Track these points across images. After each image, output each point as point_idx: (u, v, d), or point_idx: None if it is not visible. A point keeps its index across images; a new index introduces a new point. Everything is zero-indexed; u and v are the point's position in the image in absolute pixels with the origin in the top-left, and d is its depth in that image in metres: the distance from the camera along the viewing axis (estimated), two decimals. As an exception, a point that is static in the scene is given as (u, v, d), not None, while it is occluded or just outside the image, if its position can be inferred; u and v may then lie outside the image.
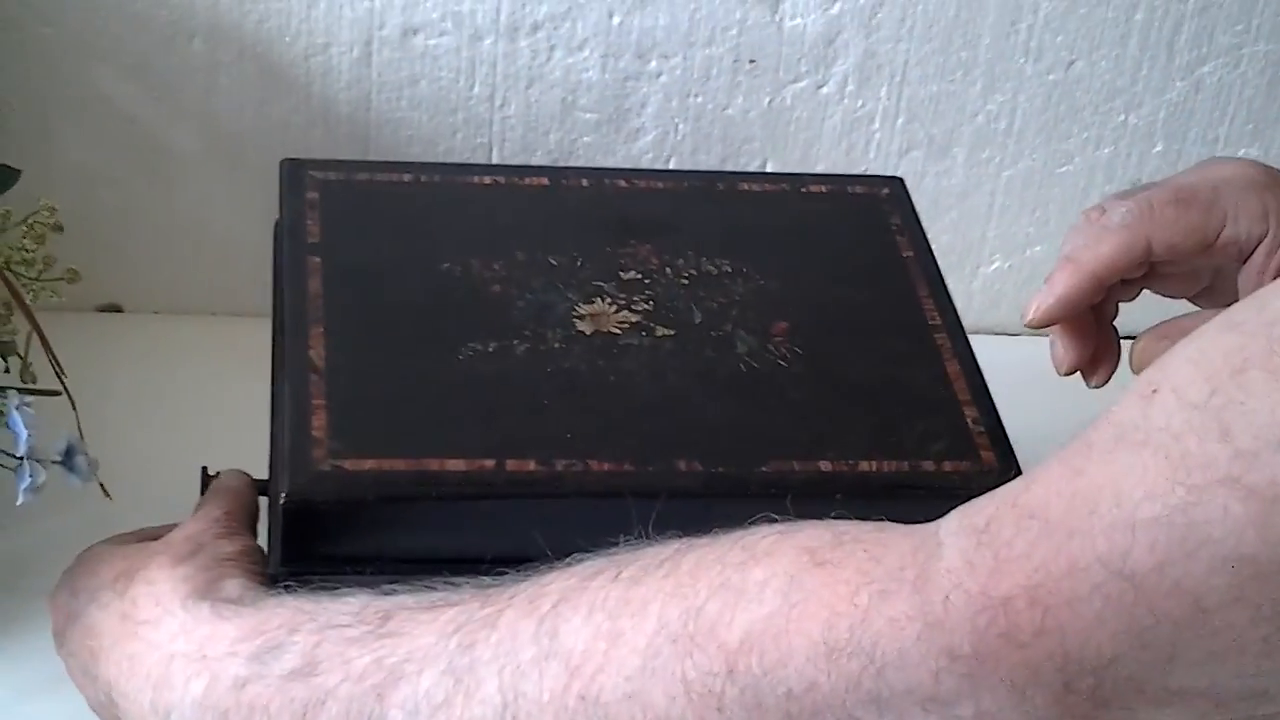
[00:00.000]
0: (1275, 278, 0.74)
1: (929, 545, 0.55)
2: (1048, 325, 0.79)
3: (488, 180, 0.88)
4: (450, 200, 0.86)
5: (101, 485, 0.90)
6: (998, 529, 0.53)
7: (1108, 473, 0.51)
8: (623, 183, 0.89)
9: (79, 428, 0.88)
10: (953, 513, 0.56)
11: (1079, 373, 0.80)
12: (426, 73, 1.01)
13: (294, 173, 0.86)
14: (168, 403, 1.01)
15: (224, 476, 0.81)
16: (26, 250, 0.79)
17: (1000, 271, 1.14)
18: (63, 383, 0.88)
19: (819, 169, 1.08)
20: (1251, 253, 0.77)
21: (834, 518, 0.60)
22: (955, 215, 1.11)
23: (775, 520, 0.60)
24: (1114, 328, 0.82)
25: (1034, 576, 0.51)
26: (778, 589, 0.56)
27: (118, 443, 0.96)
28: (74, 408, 0.89)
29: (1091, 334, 0.80)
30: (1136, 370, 0.78)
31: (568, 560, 0.63)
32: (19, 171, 0.83)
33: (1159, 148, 1.10)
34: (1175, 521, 0.49)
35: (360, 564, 0.73)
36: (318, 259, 0.82)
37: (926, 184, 1.10)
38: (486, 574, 0.65)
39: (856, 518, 0.75)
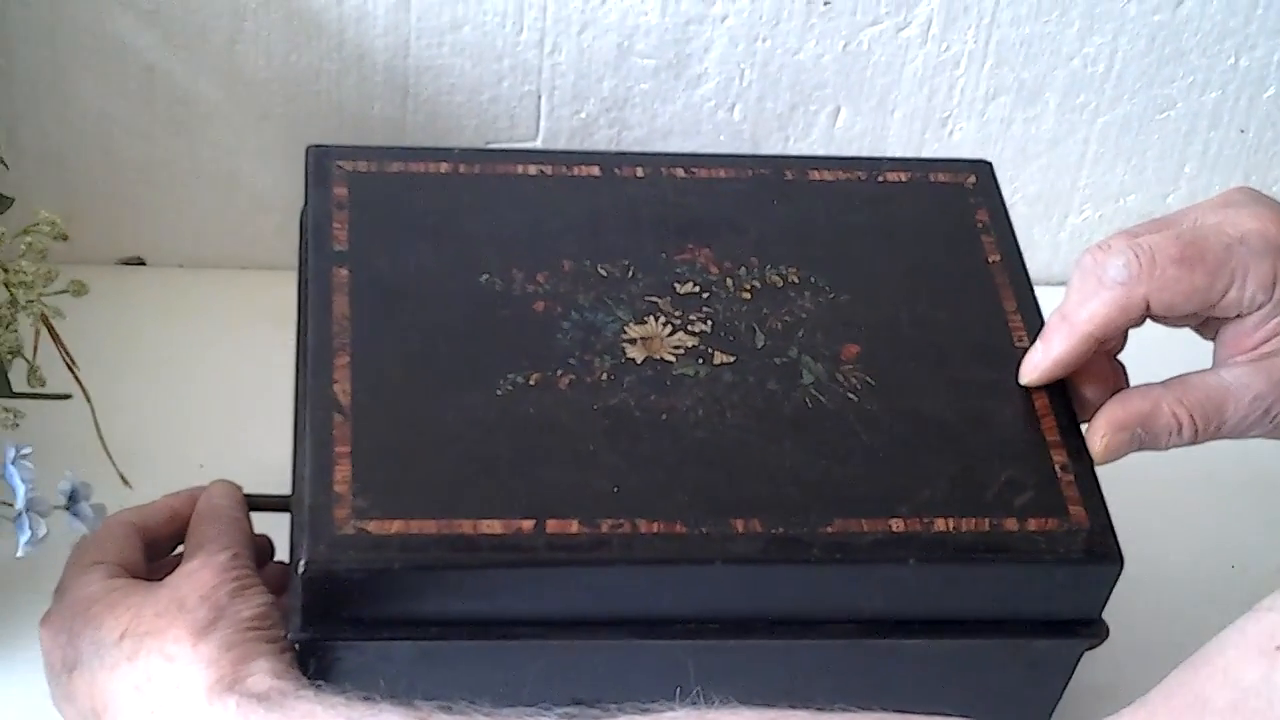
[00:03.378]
0: (1260, 344, 0.71)
1: None
2: (1045, 383, 0.74)
3: (533, 170, 0.80)
4: (492, 195, 0.79)
5: (121, 475, 0.85)
6: None
7: None
8: (681, 172, 0.81)
9: (96, 424, 0.83)
10: None
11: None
12: (470, 16, 0.92)
13: (320, 163, 0.78)
14: (192, 360, 0.96)
15: (214, 497, 0.75)
16: (24, 274, 0.71)
17: (1090, 221, 1.05)
18: (76, 377, 0.83)
19: (896, 116, 0.99)
20: (1246, 315, 0.71)
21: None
22: (1044, 162, 1.02)
23: (851, 714, 0.54)
24: (1119, 362, 0.76)
25: None
26: None
27: (140, 404, 0.91)
28: (89, 402, 0.83)
29: (1103, 375, 0.75)
30: (1100, 460, 0.72)
31: (620, 717, 0.57)
32: (11, 199, 0.76)
33: (1270, 91, 1.01)
34: None
35: (387, 628, 0.68)
36: (345, 271, 0.74)
37: (1014, 130, 1.01)
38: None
39: (928, 588, 0.70)
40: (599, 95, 0.96)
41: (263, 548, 0.76)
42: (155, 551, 0.75)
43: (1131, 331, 0.75)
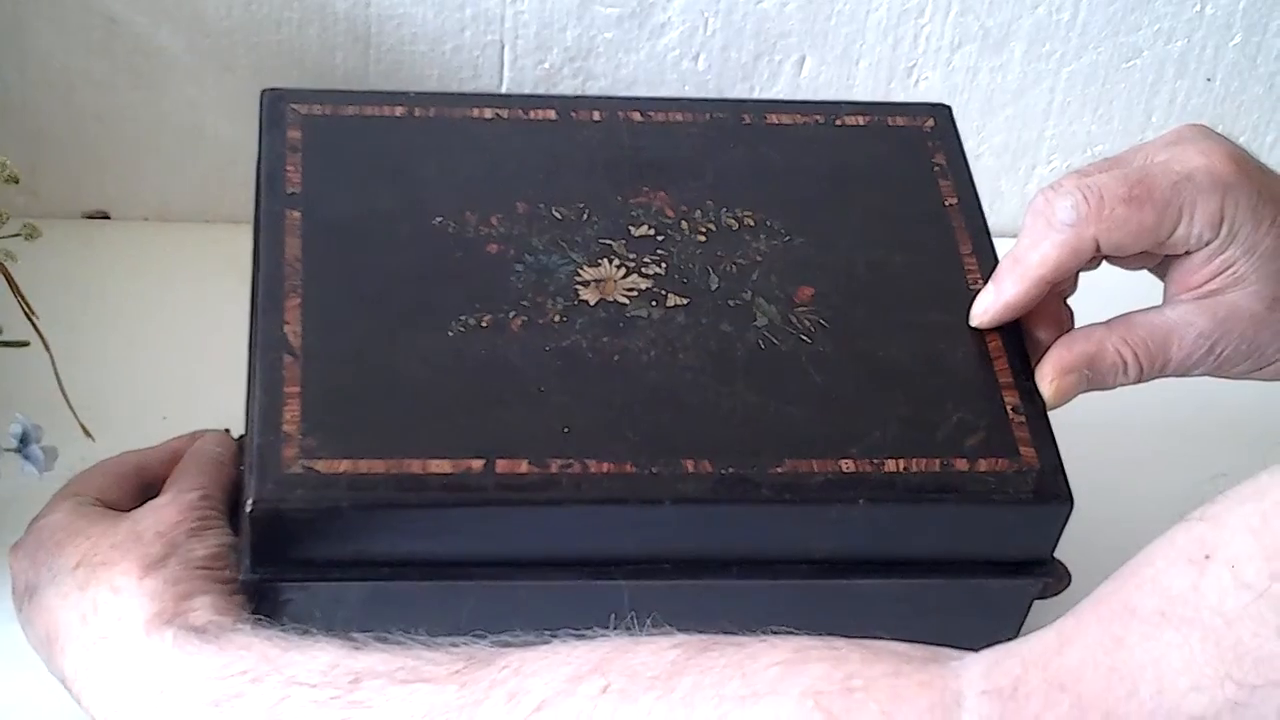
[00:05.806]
0: (1206, 282, 0.71)
1: (948, 705, 0.49)
2: (996, 326, 0.74)
3: (489, 114, 0.80)
4: (447, 138, 0.78)
5: (83, 426, 0.85)
6: (1025, 697, 0.47)
7: (1150, 651, 0.45)
8: (638, 116, 0.81)
9: (56, 374, 0.83)
10: (978, 660, 0.50)
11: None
12: (431, -36, 0.92)
13: (274, 106, 0.78)
14: (157, 313, 0.95)
15: (205, 442, 0.76)
16: (-27, 215, 0.72)
17: (1058, 172, 1.05)
18: (35, 325, 0.83)
19: (861, 65, 0.99)
20: (1193, 252, 0.71)
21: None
22: (1010, 112, 1.02)
23: (779, 635, 0.54)
24: (1067, 305, 0.76)
25: None
26: None
27: (105, 357, 0.91)
28: (48, 350, 0.83)
29: (1056, 317, 0.75)
30: (1051, 404, 0.72)
31: (553, 641, 0.57)
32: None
33: (1237, 40, 1.01)
34: None
35: (336, 569, 0.68)
36: (297, 213, 0.74)
37: (980, 80, 1.01)
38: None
39: (879, 528, 0.70)
40: (562, 45, 0.96)
41: None
42: (155, 493, 0.75)
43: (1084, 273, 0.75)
